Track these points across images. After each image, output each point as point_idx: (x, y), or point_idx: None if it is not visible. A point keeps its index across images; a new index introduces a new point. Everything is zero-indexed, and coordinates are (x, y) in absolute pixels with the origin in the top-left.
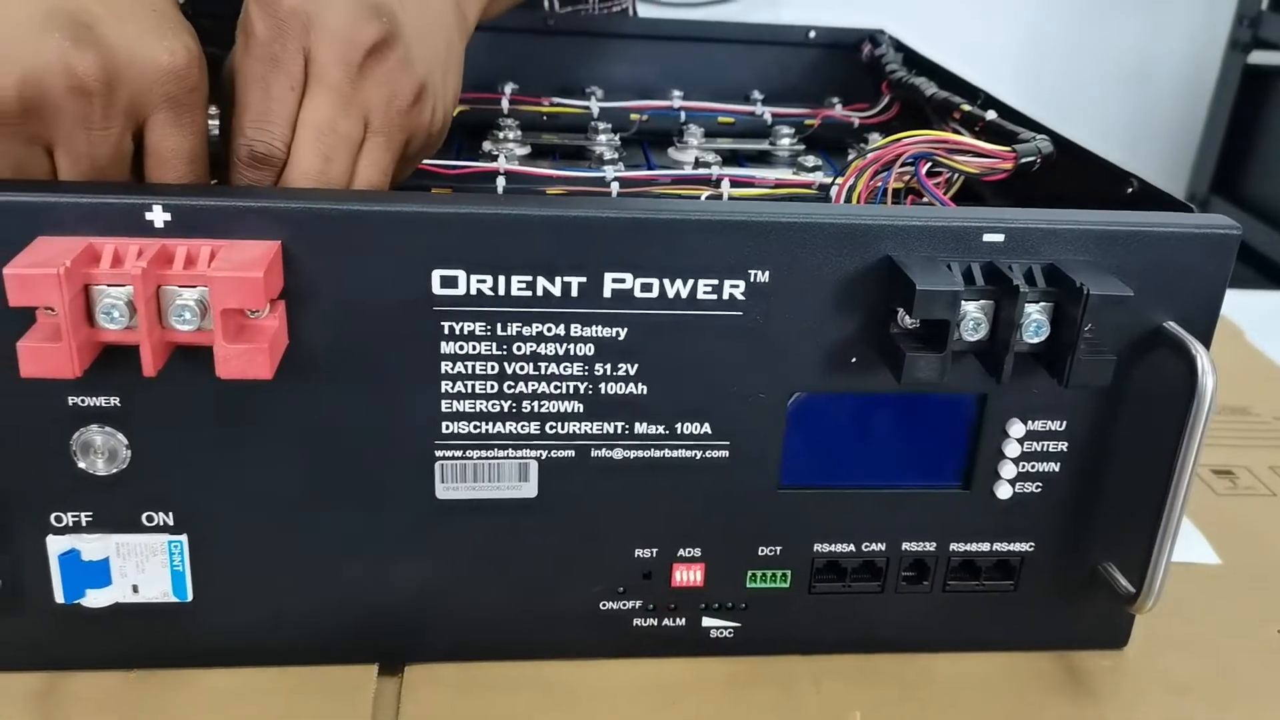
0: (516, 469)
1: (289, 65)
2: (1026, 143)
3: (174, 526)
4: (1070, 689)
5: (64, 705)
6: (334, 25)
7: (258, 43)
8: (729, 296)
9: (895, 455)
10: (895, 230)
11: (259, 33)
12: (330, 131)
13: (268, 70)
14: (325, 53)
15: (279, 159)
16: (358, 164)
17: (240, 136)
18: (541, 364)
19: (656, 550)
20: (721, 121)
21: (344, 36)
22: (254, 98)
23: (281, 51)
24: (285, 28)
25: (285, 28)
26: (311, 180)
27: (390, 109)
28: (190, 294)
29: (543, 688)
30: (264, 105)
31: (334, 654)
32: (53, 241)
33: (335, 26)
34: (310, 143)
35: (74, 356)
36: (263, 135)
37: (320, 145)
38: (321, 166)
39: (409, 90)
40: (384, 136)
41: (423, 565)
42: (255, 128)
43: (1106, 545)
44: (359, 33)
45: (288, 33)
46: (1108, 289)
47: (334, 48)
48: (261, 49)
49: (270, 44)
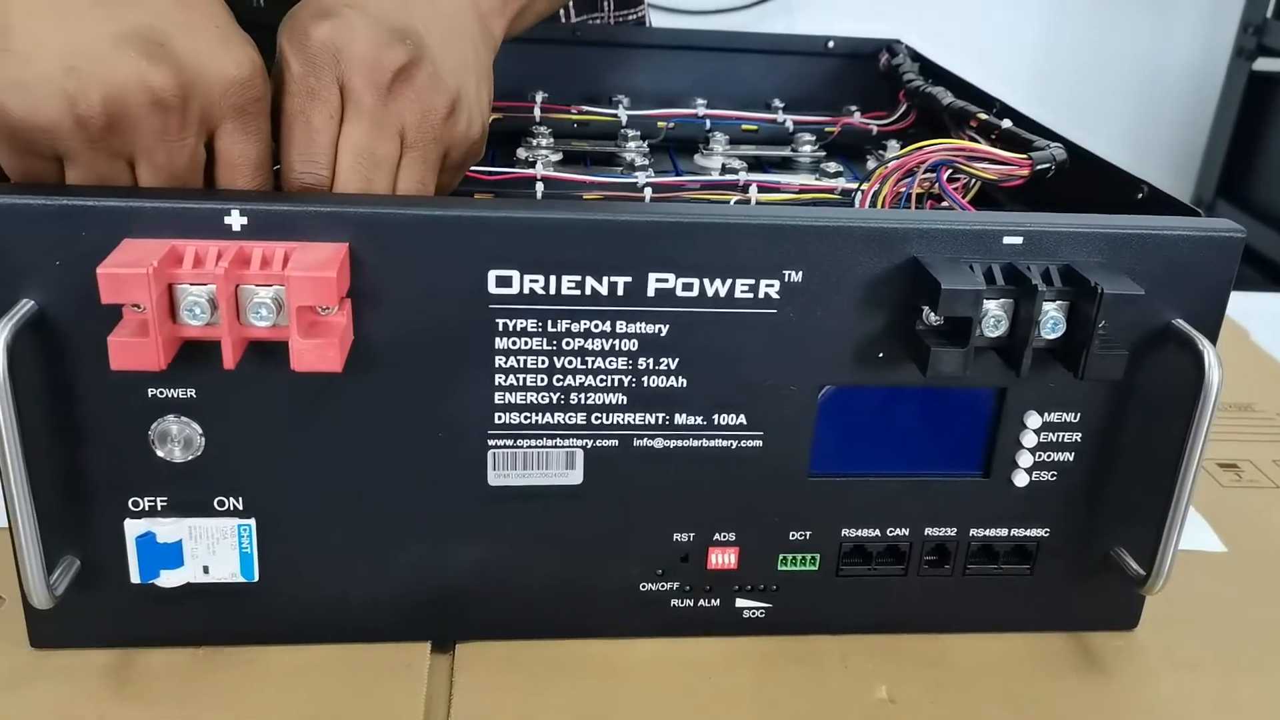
0: (564, 457)
1: (325, 96)
2: (1042, 150)
3: (243, 511)
4: (1083, 667)
5: (137, 680)
6: (361, 53)
7: (294, 78)
8: (764, 295)
9: (919, 445)
10: (921, 233)
11: (294, 69)
12: (369, 154)
13: (306, 104)
14: (356, 80)
15: (325, 186)
16: (398, 181)
17: (290, 172)
18: (588, 358)
19: (693, 534)
20: (745, 129)
21: (371, 62)
22: (298, 132)
23: (317, 84)
24: (317, 61)
25: (317, 61)
26: None
27: (424, 125)
28: (266, 292)
29: (585, 664)
30: (307, 139)
31: (390, 632)
32: (138, 244)
33: (362, 54)
34: (350, 168)
35: (160, 350)
36: (310, 168)
37: (360, 168)
38: (363, 187)
39: (441, 105)
40: (419, 151)
41: (474, 549)
42: (303, 161)
43: (1118, 531)
44: (385, 57)
45: (320, 65)
46: (1120, 288)
47: (363, 74)
48: (298, 84)
49: (305, 78)
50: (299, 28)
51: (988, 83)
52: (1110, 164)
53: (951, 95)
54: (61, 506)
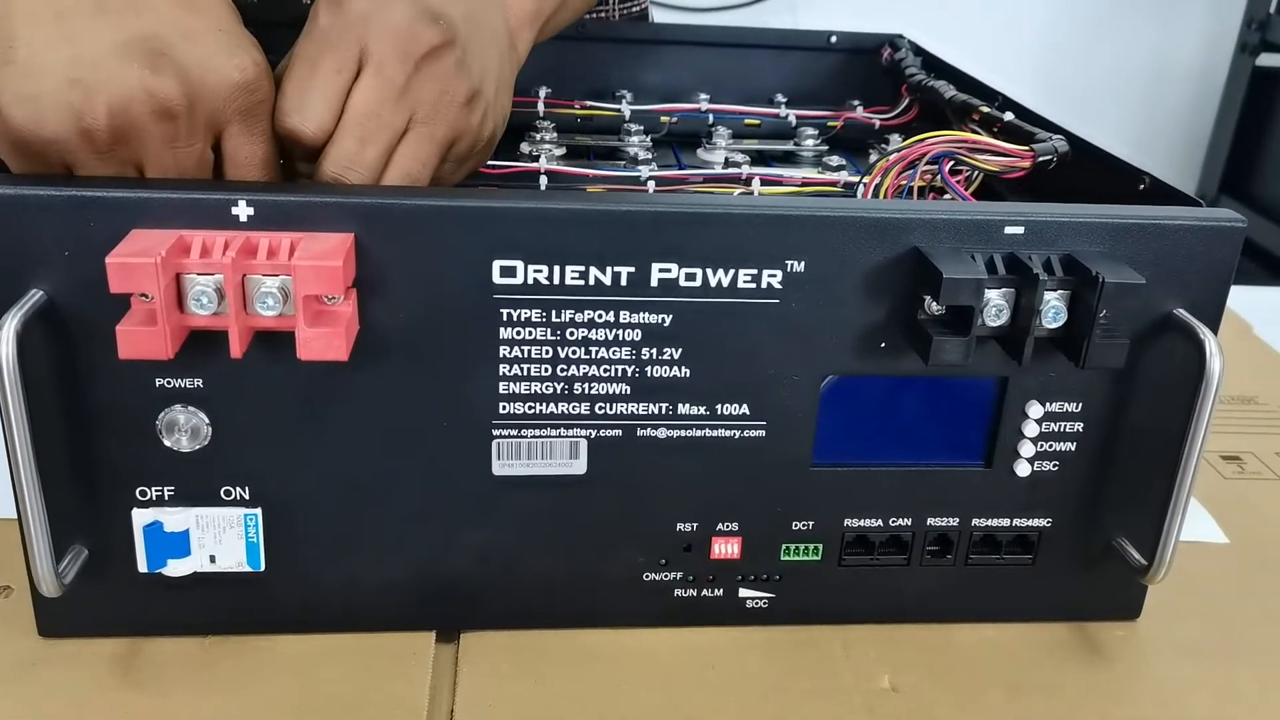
0: (568, 447)
1: (341, 50)
2: (1044, 142)
3: (249, 500)
4: (1085, 656)
5: (144, 668)
6: (396, 22)
7: (318, 29)
8: (767, 285)
9: (921, 435)
10: (922, 223)
11: (321, 21)
12: (374, 117)
13: (318, 50)
14: (383, 46)
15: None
16: (397, 152)
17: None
18: (592, 348)
19: (697, 524)
20: (748, 123)
21: (405, 33)
22: (298, 72)
23: (337, 40)
24: (347, 22)
25: (347, 22)
26: (344, 159)
27: (439, 105)
28: (273, 282)
29: (589, 653)
30: (307, 81)
31: (395, 621)
32: (147, 234)
33: (397, 24)
34: (351, 125)
35: (168, 340)
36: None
37: (360, 128)
38: (355, 148)
39: (462, 92)
40: (428, 128)
41: (479, 538)
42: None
43: (1120, 520)
44: (420, 33)
45: (348, 26)
46: (1122, 277)
47: (394, 43)
48: (318, 34)
49: (327, 32)
50: None
51: (990, 78)
52: (1112, 155)
53: (954, 89)
54: (70, 496)
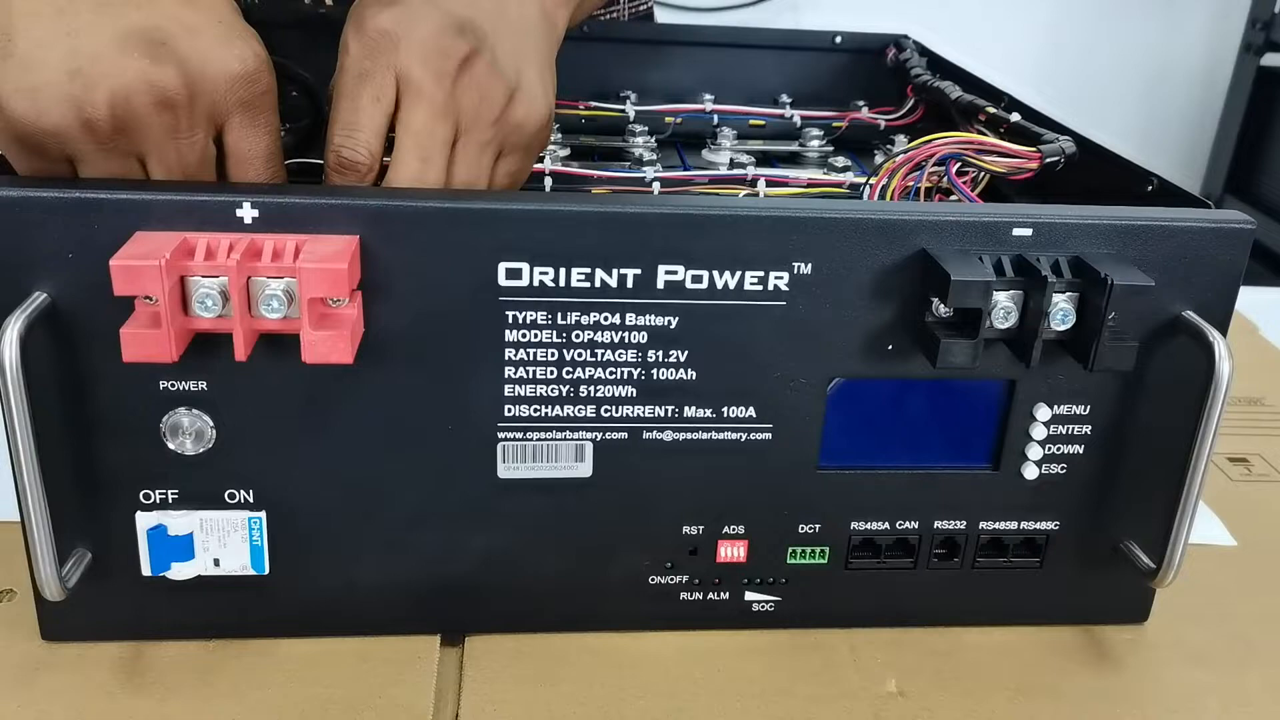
0: (573, 450)
1: (377, 79)
2: (1051, 143)
3: (254, 504)
4: (1094, 660)
5: (148, 672)
6: (423, 40)
7: (350, 60)
8: (773, 287)
9: (928, 438)
10: (930, 225)
11: (352, 52)
12: (427, 135)
13: (356, 84)
14: (418, 68)
15: (363, 165)
16: (453, 164)
17: (329, 145)
18: (598, 351)
19: (703, 528)
20: (753, 124)
21: (434, 50)
22: (344, 108)
23: (371, 67)
24: (375, 46)
25: (375, 46)
26: (411, 181)
27: (481, 112)
28: (278, 284)
29: (594, 657)
30: (352, 115)
31: (400, 625)
32: (150, 236)
33: (425, 42)
34: (409, 148)
35: (172, 342)
36: (349, 142)
37: (418, 149)
38: (420, 168)
39: (499, 94)
40: (474, 135)
41: (484, 541)
42: (343, 135)
43: (1128, 523)
44: (448, 47)
45: (378, 50)
46: (1130, 279)
47: (426, 63)
48: (353, 65)
49: (360, 60)
50: (362, 14)
51: (992, 77)
52: (1120, 156)
53: (960, 89)
54: (73, 499)
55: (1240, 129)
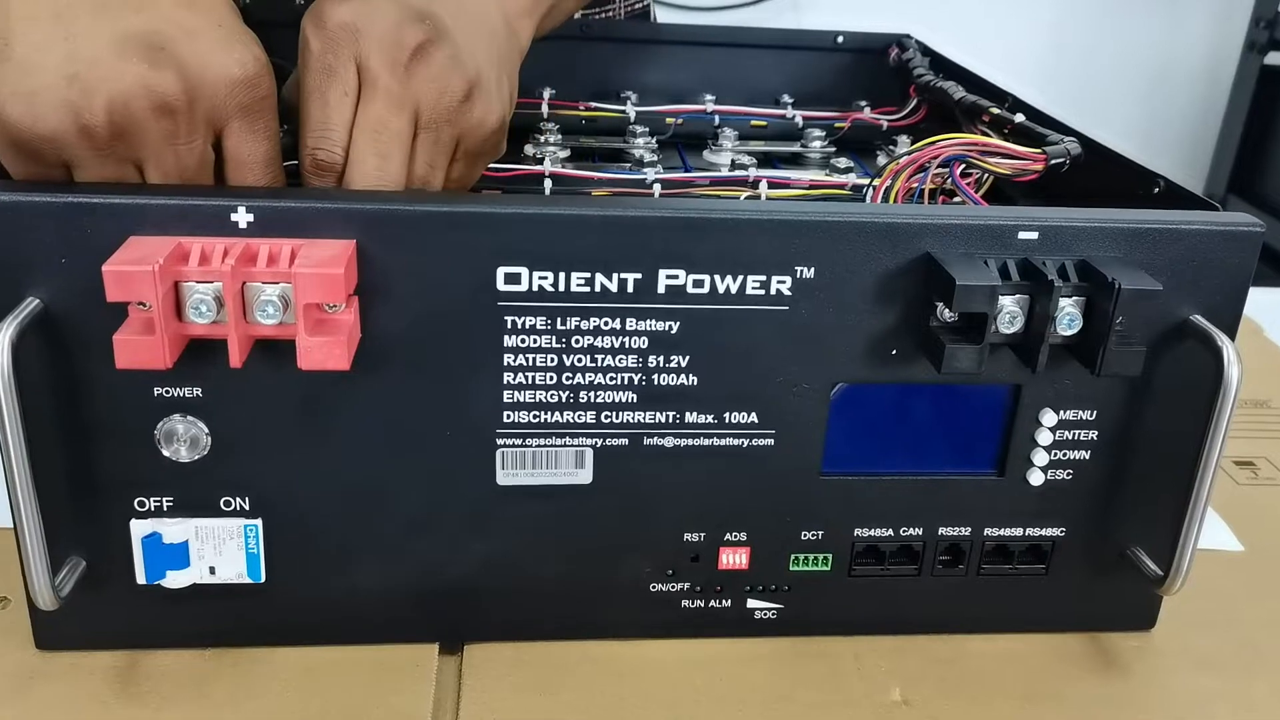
0: (573, 456)
1: (342, 74)
2: (1056, 145)
3: (250, 511)
4: (1100, 667)
5: (143, 681)
6: (380, 31)
7: (313, 57)
8: (776, 292)
9: (932, 443)
10: (935, 228)
11: (313, 48)
12: (384, 130)
13: (323, 81)
14: (374, 58)
15: (340, 164)
16: (410, 160)
17: (304, 147)
18: (598, 356)
19: (704, 534)
20: (754, 125)
21: (390, 40)
22: (314, 108)
23: (335, 62)
24: (336, 40)
25: (336, 40)
26: (370, 178)
27: (439, 105)
28: (273, 290)
29: (595, 665)
30: (323, 114)
31: (397, 633)
32: (144, 241)
33: (381, 32)
34: (366, 143)
35: (166, 349)
36: (324, 143)
37: (376, 144)
38: (378, 164)
39: (458, 87)
40: (433, 132)
41: (483, 548)
42: (316, 136)
43: (1134, 530)
44: (404, 35)
45: (339, 44)
46: (1138, 283)
47: (381, 52)
48: (317, 62)
49: (323, 56)
50: (320, 8)
51: (995, 76)
52: (1125, 158)
53: (963, 90)
54: (67, 507)
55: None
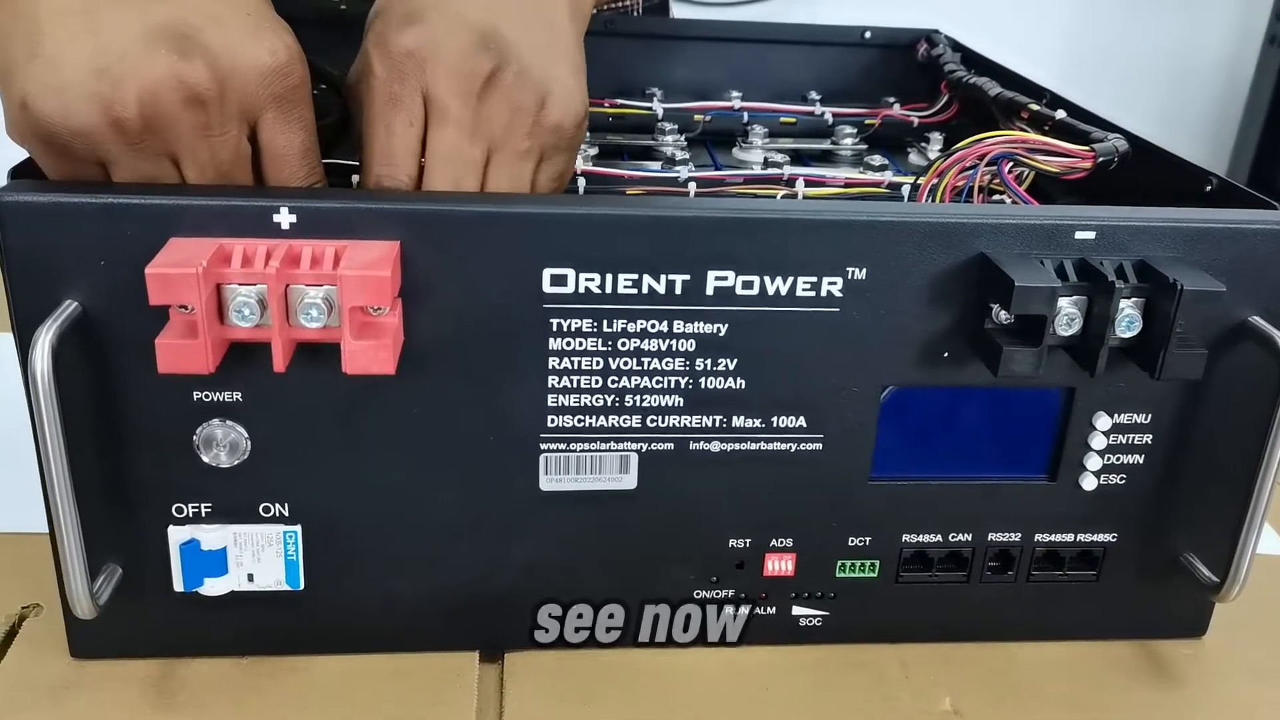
0: (618, 461)
1: (408, 103)
2: (1104, 142)
3: (289, 517)
4: (1152, 676)
5: (180, 691)
6: (449, 62)
7: (379, 82)
8: (827, 293)
9: (983, 448)
10: (990, 228)
11: (378, 73)
12: (457, 158)
13: (388, 109)
14: (443, 89)
15: (405, 191)
16: (489, 180)
17: (368, 175)
18: (644, 359)
19: (750, 540)
20: (783, 122)
21: (459, 72)
22: (378, 136)
23: (400, 91)
24: (402, 69)
25: (402, 69)
26: None
27: (514, 124)
28: (317, 292)
29: (638, 673)
30: (387, 143)
31: (438, 641)
32: (186, 243)
33: (450, 63)
34: (440, 172)
35: (209, 353)
36: (389, 171)
37: (449, 171)
38: (452, 188)
39: (531, 104)
40: (510, 150)
41: (525, 555)
42: (381, 165)
43: (1189, 536)
44: (473, 65)
45: (405, 73)
46: (1200, 284)
47: (451, 83)
48: (382, 89)
49: (389, 84)
50: (384, 32)
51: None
52: (1175, 155)
53: (998, 86)
54: (104, 513)
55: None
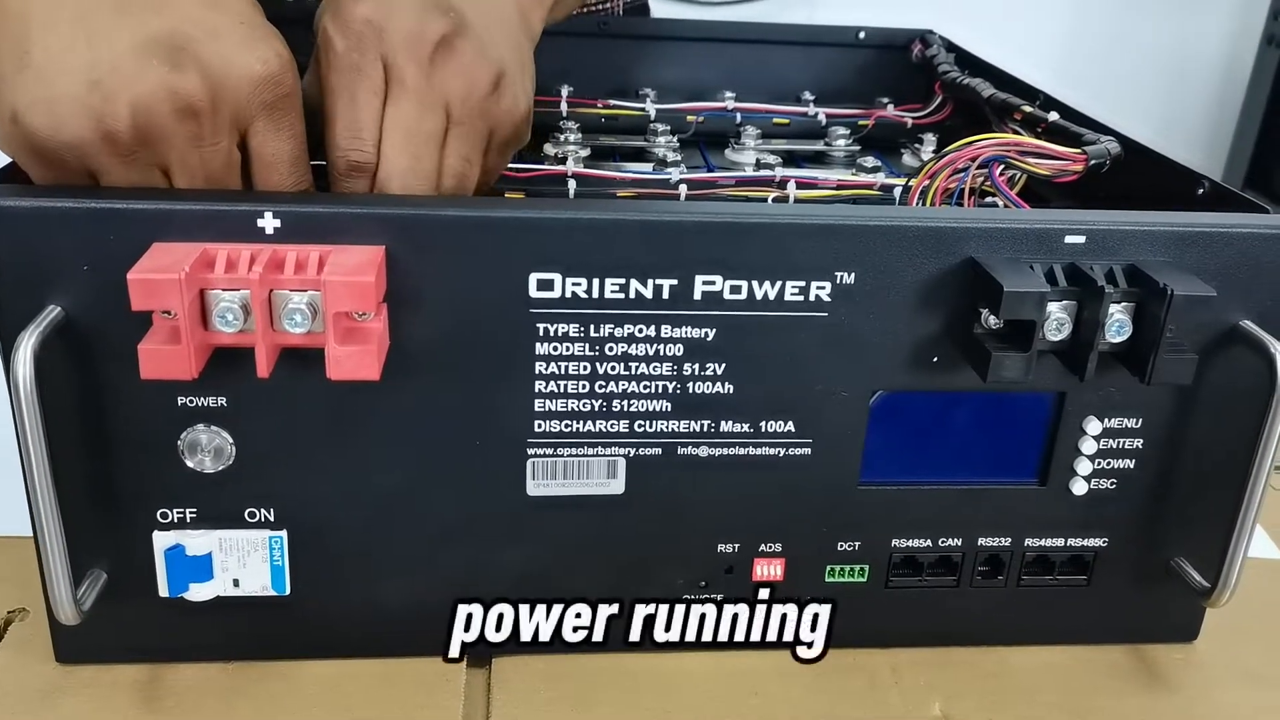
0: (605, 466)
1: (370, 72)
2: (1096, 144)
3: (275, 522)
4: (1144, 680)
5: (166, 696)
6: (403, 27)
7: (337, 56)
8: (815, 298)
9: (973, 452)
10: (979, 232)
11: (338, 47)
12: (416, 130)
13: (351, 80)
14: (399, 55)
15: (373, 163)
16: (444, 156)
17: (335, 150)
18: (632, 364)
19: (738, 545)
20: (776, 123)
21: (413, 35)
22: (342, 109)
23: (361, 60)
24: (361, 38)
25: (361, 38)
26: (402, 177)
27: (469, 99)
28: (301, 298)
29: (627, 678)
30: (351, 114)
31: (425, 646)
32: (169, 248)
33: (404, 28)
34: (399, 144)
35: (192, 359)
36: (355, 144)
37: (408, 144)
38: (410, 164)
39: (486, 79)
40: (465, 126)
41: (513, 560)
42: (347, 138)
43: (1180, 540)
44: (426, 29)
45: (365, 42)
46: (1191, 289)
47: (406, 48)
48: (342, 61)
49: (349, 54)
50: (341, 6)
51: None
52: (1167, 158)
53: (992, 87)
54: (88, 518)
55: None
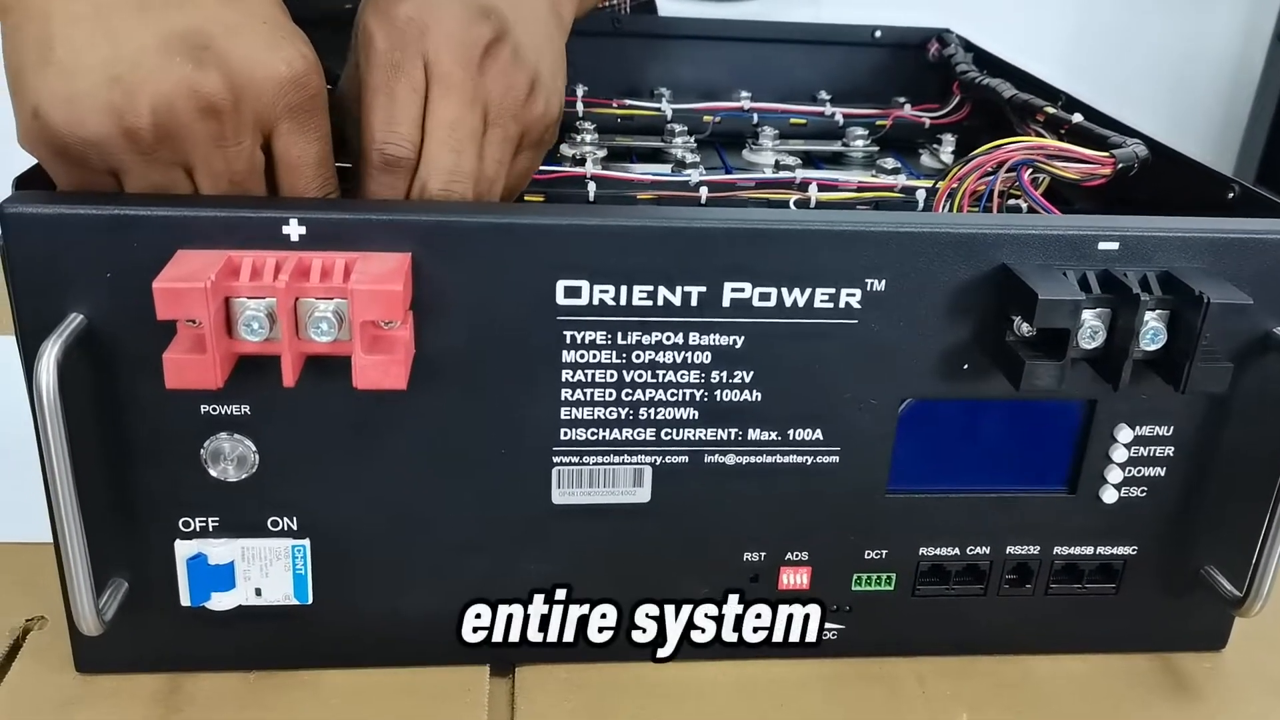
0: (631, 474)
1: (410, 70)
2: (1124, 148)
3: (297, 531)
4: (1172, 690)
5: (187, 706)
6: (450, 29)
7: (378, 53)
8: (845, 305)
9: (1002, 460)
10: (1011, 239)
11: (379, 43)
12: (459, 127)
13: (390, 77)
14: (444, 55)
15: (409, 160)
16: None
17: (371, 144)
18: (659, 372)
19: (765, 553)
20: (793, 123)
21: (461, 38)
22: (380, 104)
23: (402, 58)
24: (404, 36)
25: (404, 36)
26: (446, 174)
27: (506, 101)
28: (327, 306)
29: (652, 687)
30: (390, 110)
31: (448, 655)
32: (193, 255)
33: (451, 30)
34: (442, 140)
35: (218, 368)
36: (393, 138)
37: (451, 141)
38: (454, 161)
39: (523, 83)
40: (500, 129)
41: (538, 569)
42: (385, 131)
43: (1210, 549)
44: (474, 33)
45: (407, 40)
46: (1227, 297)
47: (453, 50)
48: (382, 58)
49: (390, 52)
50: (383, 3)
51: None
52: (1195, 162)
53: (1013, 88)
54: (110, 527)
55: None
